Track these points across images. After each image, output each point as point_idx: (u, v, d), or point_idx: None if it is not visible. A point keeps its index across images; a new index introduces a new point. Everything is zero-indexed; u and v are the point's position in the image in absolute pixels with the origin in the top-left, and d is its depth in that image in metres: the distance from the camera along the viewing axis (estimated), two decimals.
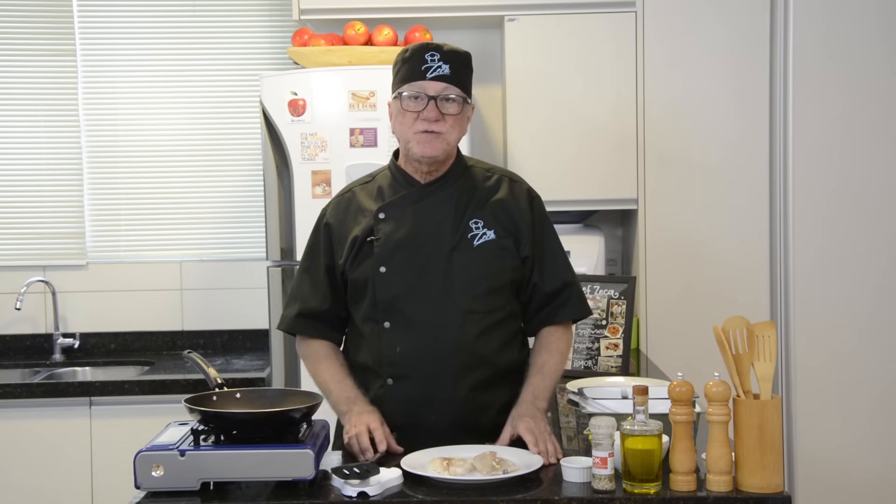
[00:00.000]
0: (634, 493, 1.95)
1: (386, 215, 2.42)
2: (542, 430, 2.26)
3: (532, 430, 2.24)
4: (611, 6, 3.78)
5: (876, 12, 3.69)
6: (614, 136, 3.79)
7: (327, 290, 2.46)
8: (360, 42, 3.72)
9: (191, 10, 4.22)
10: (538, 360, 2.45)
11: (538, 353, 2.47)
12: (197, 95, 4.23)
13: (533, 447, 2.20)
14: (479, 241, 2.40)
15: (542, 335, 2.50)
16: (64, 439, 3.63)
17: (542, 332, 2.50)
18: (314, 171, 3.53)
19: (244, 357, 4.05)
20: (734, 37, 3.76)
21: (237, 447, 2.02)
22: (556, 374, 2.45)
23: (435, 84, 2.34)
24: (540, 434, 2.23)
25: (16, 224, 4.23)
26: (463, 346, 2.35)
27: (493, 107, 4.16)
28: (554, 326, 2.49)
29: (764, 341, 2.03)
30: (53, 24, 4.19)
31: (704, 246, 3.79)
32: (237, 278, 4.23)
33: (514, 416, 2.32)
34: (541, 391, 2.39)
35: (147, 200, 4.24)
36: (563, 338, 2.50)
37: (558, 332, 2.49)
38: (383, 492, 1.99)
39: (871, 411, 3.72)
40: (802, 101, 3.70)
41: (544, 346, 2.47)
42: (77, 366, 4.08)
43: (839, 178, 3.72)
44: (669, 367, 3.42)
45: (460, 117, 2.38)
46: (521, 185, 2.51)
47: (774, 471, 1.95)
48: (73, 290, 4.20)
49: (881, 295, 3.73)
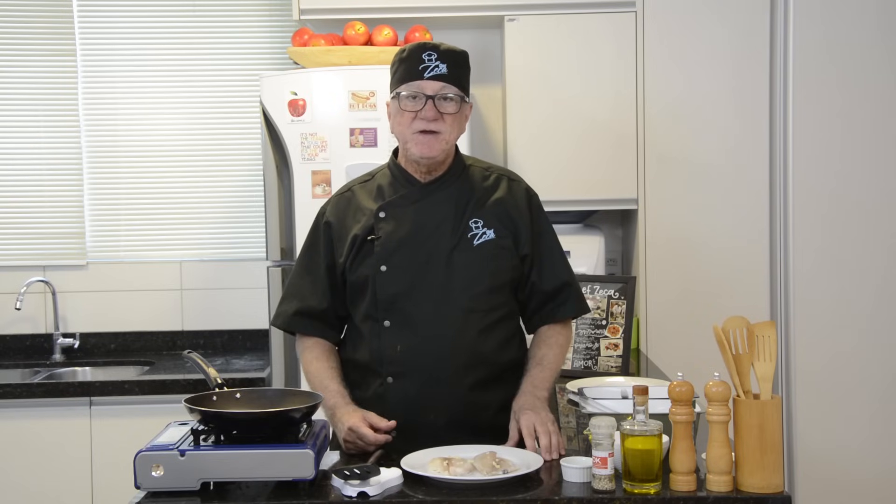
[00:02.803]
0: (634, 493, 1.95)
1: (386, 214, 2.42)
2: (545, 421, 2.26)
3: (532, 426, 2.24)
4: (611, 6, 3.78)
5: (876, 12, 3.69)
6: (614, 135, 3.79)
7: (326, 289, 2.46)
8: (360, 42, 3.72)
9: (191, 10, 4.21)
10: (537, 353, 2.47)
11: (537, 346, 2.48)
12: (197, 95, 4.23)
13: (530, 443, 2.20)
14: (478, 241, 2.40)
15: (540, 331, 2.51)
16: (64, 439, 3.63)
17: (541, 328, 2.51)
18: (314, 171, 3.53)
19: (244, 357, 4.05)
20: (734, 37, 3.76)
21: (237, 447, 2.02)
22: (556, 365, 2.46)
23: (432, 83, 2.34)
24: (542, 425, 2.24)
25: (16, 224, 4.23)
26: (462, 345, 2.36)
27: (493, 106, 4.16)
28: (554, 324, 2.50)
29: (764, 341, 2.03)
30: (53, 24, 4.19)
31: (704, 246, 3.79)
32: (237, 278, 4.23)
33: (516, 410, 2.32)
34: (540, 381, 2.40)
35: (147, 200, 4.24)
36: (563, 333, 2.51)
37: (557, 328, 2.51)
38: (383, 492, 1.99)
39: (871, 412, 3.72)
40: (802, 101, 3.70)
41: (543, 341, 2.48)
42: (77, 366, 4.08)
43: (839, 179, 3.72)
44: (669, 367, 3.42)
45: (458, 116, 2.39)
46: (520, 183, 2.52)
47: (774, 471, 1.95)
48: (73, 290, 4.20)
49: (881, 295, 3.73)
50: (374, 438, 2.26)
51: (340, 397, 2.38)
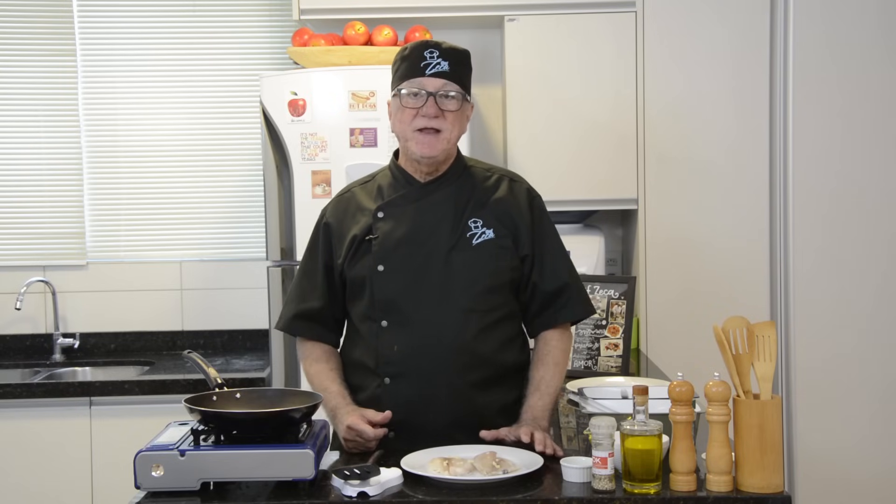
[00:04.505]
0: (634, 493, 1.95)
1: (385, 214, 2.42)
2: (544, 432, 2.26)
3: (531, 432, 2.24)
4: (611, 6, 3.78)
5: (876, 12, 3.69)
6: (614, 135, 3.79)
7: (325, 291, 2.46)
8: (360, 42, 3.72)
9: (191, 10, 4.21)
10: (535, 374, 2.43)
11: (536, 366, 2.45)
12: (197, 95, 4.23)
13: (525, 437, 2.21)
14: (477, 241, 2.39)
15: (539, 343, 2.48)
16: (64, 439, 3.63)
17: (540, 337, 2.48)
18: (314, 171, 3.53)
19: (244, 357, 4.05)
20: (734, 37, 3.76)
21: (237, 447, 2.02)
22: (555, 388, 2.43)
23: (434, 80, 2.34)
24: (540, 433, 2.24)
25: (16, 224, 4.23)
26: (461, 345, 2.35)
27: (493, 107, 4.16)
28: (553, 330, 2.47)
29: (764, 341, 2.03)
30: (53, 24, 4.19)
31: (704, 246, 3.79)
32: (237, 278, 4.23)
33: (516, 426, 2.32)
34: (540, 411, 2.37)
35: (147, 200, 4.24)
36: (560, 346, 2.47)
37: (556, 338, 2.46)
38: (383, 492, 1.99)
39: (871, 411, 3.72)
40: (802, 101, 3.70)
41: (541, 359, 2.44)
42: (77, 366, 4.08)
43: (839, 178, 3.72)
44: (669, 367, 3.42)
45: (460, 114, 2.38)
46: (521, 184, 2.51)
47: (774, 471, 1.95)
48: (73, 290, 4.20)
49: (881, 295, 3.73)
50: (374, 434, 2.26)
51: (341, 398, 2.38)
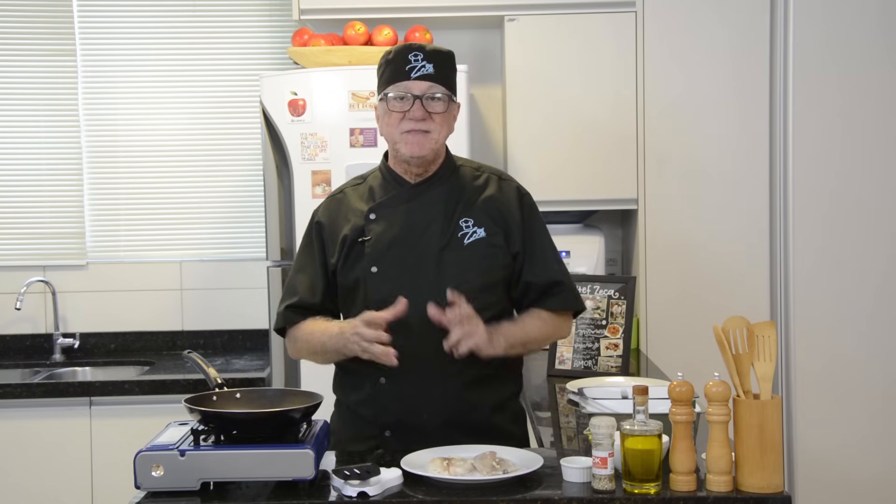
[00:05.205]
0: (634, 493, 1.95)
1: (377, 216, 2.42)
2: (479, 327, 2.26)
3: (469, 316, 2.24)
4: (611, 6, 3.78)
5: (876, 12, 3.69)
6: (614, 136, 3.79)
7: (320, 286, 2.46)
8: (360, 42, 3.72)
9: (191, 10, 4.22)
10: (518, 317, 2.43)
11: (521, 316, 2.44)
12: (197, 95, 4.23)
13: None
14: (469, 240, 2.40)
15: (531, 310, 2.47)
16: (64, 439, 3.63)
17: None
18: (314, 171, 3.53)
19: (244, 357, 4.05)
20: (734, 37, 3.76)
21: (237, 447, 2.02)
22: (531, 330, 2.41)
23: (420, 83, 2.35)
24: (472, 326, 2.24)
25: (16, 224, 4.23)
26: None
27: (493, 107, 4.16)
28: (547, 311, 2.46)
29: (764, 341, 2.03)
30: (53, 24, 4.19)
31: (704, 246, 3.79)
32: (237, 278, 4.23)
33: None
34: (505, 328, 2.35)
35: (147, 200, 4.24)
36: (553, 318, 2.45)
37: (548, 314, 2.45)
38: (383, 492, 1.99)
39: (871, 412, 3.72)
40: (802, 101, 3.70)
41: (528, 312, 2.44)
42: (77, 366, 4.08)
43: (839, 179, 3.72)
44: (669, 367, 3.42)
45: (447, 115, 2.40)
46: (510, 182, 2.51)
47: (774, 471, 1.95)
48: (73, 290, 4.20)
49: (881, 296, 3.73)
50: (374, 335, 2.24)
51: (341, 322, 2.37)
